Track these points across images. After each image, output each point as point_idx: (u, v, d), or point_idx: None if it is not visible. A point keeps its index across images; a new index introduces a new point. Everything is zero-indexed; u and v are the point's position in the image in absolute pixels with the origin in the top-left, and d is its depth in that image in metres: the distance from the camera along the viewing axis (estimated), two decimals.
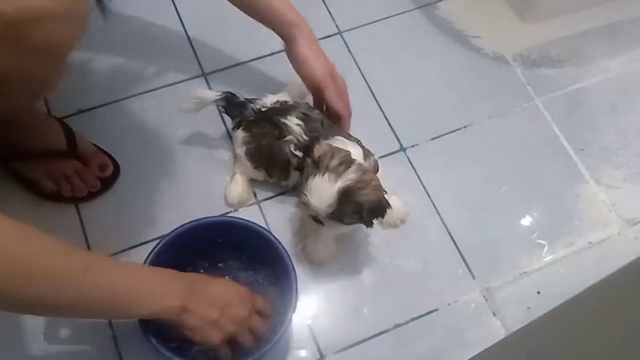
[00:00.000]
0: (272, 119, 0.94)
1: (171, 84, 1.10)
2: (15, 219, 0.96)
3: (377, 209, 0.85)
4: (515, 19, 1.22)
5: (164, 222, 0.97)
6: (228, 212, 1.01)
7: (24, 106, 0.90)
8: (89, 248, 0.97)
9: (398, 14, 1.21)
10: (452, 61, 1.17)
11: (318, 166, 0.83)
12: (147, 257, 0.85)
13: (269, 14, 0.94)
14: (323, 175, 0.82)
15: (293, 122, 0.93)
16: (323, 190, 0.82)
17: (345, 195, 0.82)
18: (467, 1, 1.24)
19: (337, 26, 1.19)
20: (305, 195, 0.84)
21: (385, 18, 1.20)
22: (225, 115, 1.04)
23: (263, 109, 0.96)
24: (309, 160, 0.85)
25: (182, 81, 1.10)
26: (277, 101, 0.97)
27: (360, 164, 0.85)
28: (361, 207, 0.83)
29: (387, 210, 0.86)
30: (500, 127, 1.12)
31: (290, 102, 0.97)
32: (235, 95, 1.00)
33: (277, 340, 0.82)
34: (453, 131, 1.10)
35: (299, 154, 0.92)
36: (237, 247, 0.92)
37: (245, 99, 0.99)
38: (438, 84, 1.15)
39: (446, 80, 1.15)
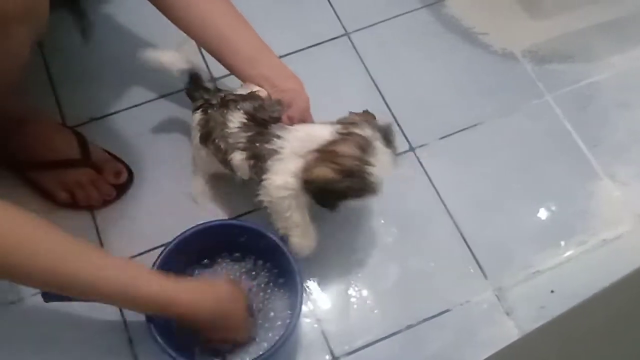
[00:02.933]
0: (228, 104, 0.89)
1: (183, 90, 1.11)
2: None
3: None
4: (523, 15, 1.21)
5: (178, 225, 0.97)
6: (240, 215, 1.01)
7: None
8: None
9: (405, 13, 1.20)
10: (460, 59, 1.16)
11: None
12: (157, 259, 0.87)
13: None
14: (382, 153, 0.83)
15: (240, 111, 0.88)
16: (387, 159, 0.84)
17: (386, 136, 0.86)
18: None
19: (344, 27, 1.19)
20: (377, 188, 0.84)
21: (392, 18, 1.20)
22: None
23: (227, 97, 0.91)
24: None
25: None
26: (250, 92, 0.92)
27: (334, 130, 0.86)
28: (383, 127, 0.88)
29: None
30: (510, 125, 1.11)
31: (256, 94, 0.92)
32: (201, 77, 0.97)
33: (283, 342, 0.82)
34: (462, 130, 1.10)
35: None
36: (241, 249, 0.94)
37: (216, 87, 0.97)
38: (446, 83, 1.14)
39: (454, 78, 1.15)
